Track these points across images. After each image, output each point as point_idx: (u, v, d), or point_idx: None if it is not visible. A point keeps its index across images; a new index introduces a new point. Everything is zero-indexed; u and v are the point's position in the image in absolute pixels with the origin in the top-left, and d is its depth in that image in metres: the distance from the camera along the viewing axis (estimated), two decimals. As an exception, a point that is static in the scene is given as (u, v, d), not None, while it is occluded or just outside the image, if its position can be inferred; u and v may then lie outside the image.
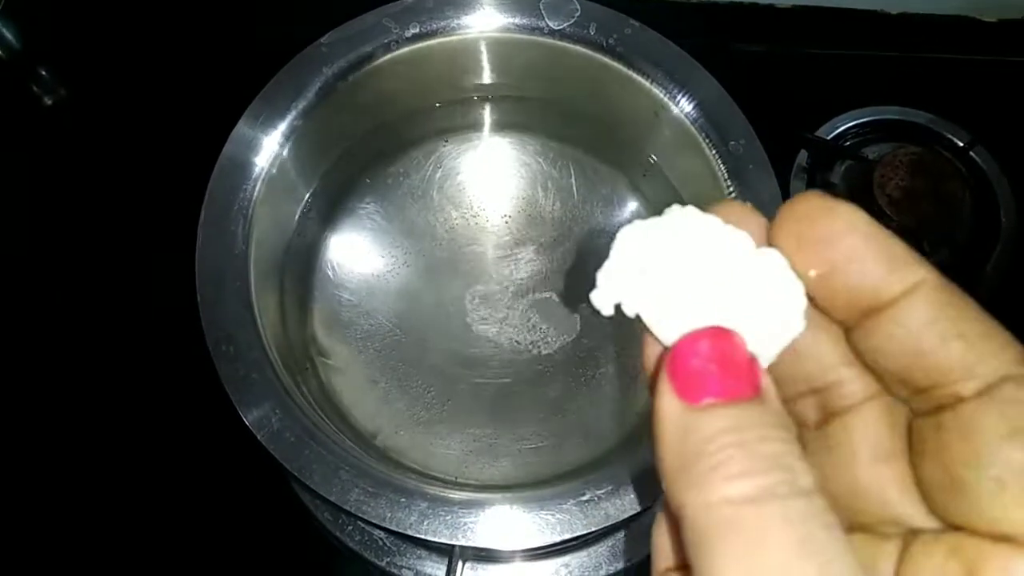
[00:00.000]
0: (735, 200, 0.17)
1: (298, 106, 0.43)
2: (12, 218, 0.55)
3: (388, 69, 0.45)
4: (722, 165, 0.41)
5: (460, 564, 0.40)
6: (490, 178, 0.49)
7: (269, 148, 0.42)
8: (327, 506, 0.45)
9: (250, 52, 0.50)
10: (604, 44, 0.44)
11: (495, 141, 0.50)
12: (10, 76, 0.59)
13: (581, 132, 0.49)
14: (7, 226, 0.55)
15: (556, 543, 0.35)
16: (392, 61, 0.44)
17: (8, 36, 0.60)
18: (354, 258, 0.47)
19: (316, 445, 0.35)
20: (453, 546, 0.39)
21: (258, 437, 0.35)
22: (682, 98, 0.43)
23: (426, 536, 0.34)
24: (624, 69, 0.44)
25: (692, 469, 0.13)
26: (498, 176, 0.49)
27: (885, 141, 0.56)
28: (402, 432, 0.43)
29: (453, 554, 0.39)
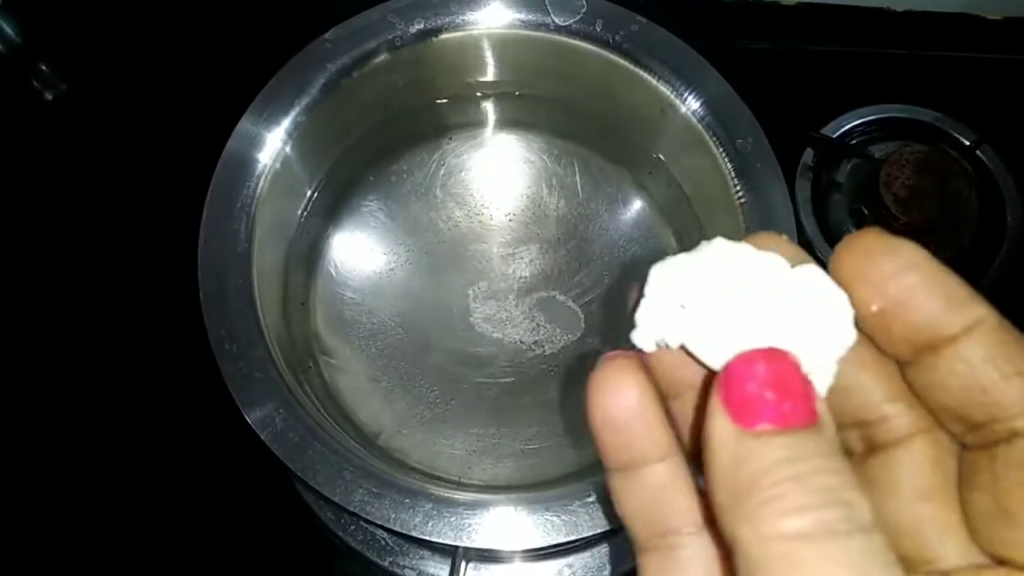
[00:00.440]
0: (769, 232, 0.17)
1: (302, 102, 0.42)
2: (12, 214, 0.55)
3: (392, 65, 0.44)
4: (729, 163, 0.41)
5: (463, 564, 0.39)
6: (494, 176, 0.49)
7: (272, 144, 0.42)
8: (330, 506, 0.45)
9: (253, 48, 0.49)
10: (610, 41, 0.43)
11: (500, 138, 0.50)
12: (10, 71, 0.59)
13: (586, 129, 0.49)
14: (7, 222, 0.55)
15: (561, 544, 0.34)
16: (396, 57, 0.44)
17: (8, 31, 0.59)
18: (357, 256, 0.47)
19: (320, 445, 0.35)
20: (456, 547, 0.38)
21: (262, 437, 0.35)
22: (689, 96, 0.42)
23: (431, 537, 0.34)
24: (630, 66, 0.43)
25: (746, 502, 0.13)
26: (502, 174, 0.49)
27: (891, 139, 0.56)
28: (405, 432, 0.43)
29: (456, 554, 0.39)
